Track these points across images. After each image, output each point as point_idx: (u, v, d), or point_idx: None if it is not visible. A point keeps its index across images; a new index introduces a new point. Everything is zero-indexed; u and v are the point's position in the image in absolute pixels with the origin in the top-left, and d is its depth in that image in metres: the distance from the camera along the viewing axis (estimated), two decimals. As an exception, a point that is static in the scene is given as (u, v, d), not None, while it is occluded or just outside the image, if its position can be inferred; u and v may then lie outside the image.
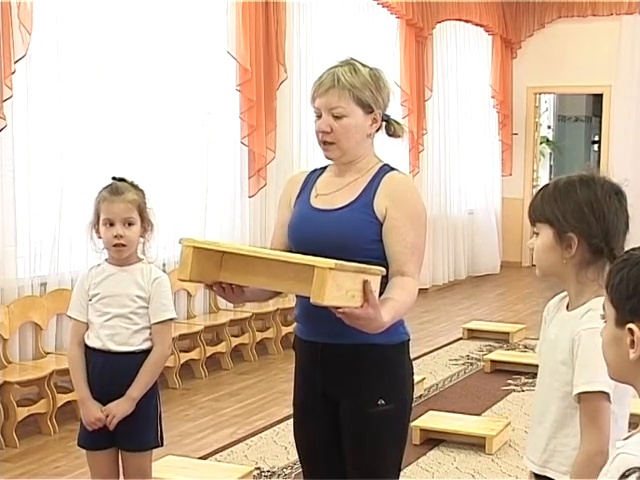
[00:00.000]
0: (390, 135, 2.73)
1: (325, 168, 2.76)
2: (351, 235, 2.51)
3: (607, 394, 2.02)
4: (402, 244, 2.54)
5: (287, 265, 2.29)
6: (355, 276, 2.26)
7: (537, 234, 2.17)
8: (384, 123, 2.69)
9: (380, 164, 2.68)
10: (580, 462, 2.03)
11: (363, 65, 2.65)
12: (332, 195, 2.64)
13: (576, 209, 2.10)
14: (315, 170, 2.78)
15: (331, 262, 2.18)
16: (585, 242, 2.09)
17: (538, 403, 2.22)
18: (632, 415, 2.18)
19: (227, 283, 2.47)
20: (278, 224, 2.78)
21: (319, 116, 2.62)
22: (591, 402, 2.03)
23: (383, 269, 2.41)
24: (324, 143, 2.62)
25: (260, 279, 2.39)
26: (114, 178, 3.16)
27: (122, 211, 3.04)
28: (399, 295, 2.47)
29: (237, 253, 2.40)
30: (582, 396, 2.04)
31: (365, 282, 2.28)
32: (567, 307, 2.19)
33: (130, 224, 3.05)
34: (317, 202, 2.66)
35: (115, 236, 3.03)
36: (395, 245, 2.54)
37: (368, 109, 2.61)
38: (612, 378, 1.66)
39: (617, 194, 2.13)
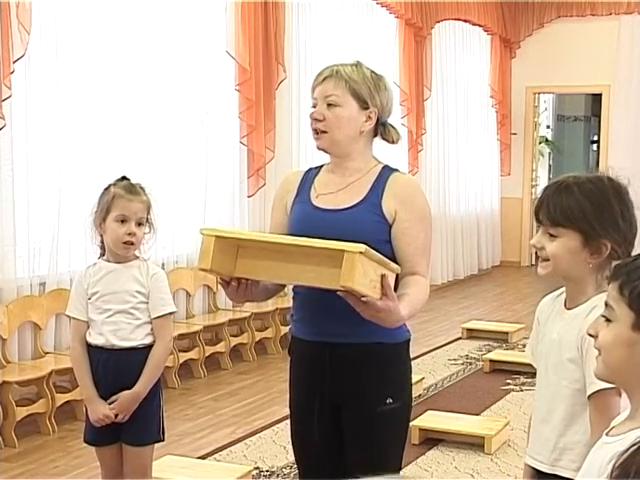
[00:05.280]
0: (386, 140, 2.73)
1: (321, 167, 2.75)
2: (362, 235, 2.48)
3: (618, 389, 2.00)
4: (414, 246, 2.57)
5: (309, 253, 2.28)
6: (377, 267, 2.28)
7: (553, 235, 2.13)
8: (382, 127, 2.69)
9: (381, 165, 2.68)
10: None
11: (367, 67, 2.67)
12: (334, 195, 2.63)
13: (612, 221, 2.11)
14: (311, 169, 2.76)
15: (361, 247, 2.20)
16: (618, 250, 2.10)
17: (542, 402, 2.22)
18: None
19: (244, 279, 2.44)
20: (272, 226, 2.76)
21: (315, 106, 2.64)
22: (605, 398, 2.02)
23: (399, 267, 2.43)
24: (316, 132, 2.63)
25: (278, 271, 2.37)
26: (124, 178, 3.20)
27: (138, 210, 3.12)
28: (414, 292, 2.49)
29: (256, 240, 2.39)
30: (596, 393, 2.03)
31: (383, 276, 2.30)
32: (565, 305, 2.19)
33: (140, 224, 3.13)
34: (320, 202, 2.63)
35: (129, 234, 3.09)
36: (407, 247, 2.55)
37: (363, 104, 2.61)
38: (604, 379, 1.63)
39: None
